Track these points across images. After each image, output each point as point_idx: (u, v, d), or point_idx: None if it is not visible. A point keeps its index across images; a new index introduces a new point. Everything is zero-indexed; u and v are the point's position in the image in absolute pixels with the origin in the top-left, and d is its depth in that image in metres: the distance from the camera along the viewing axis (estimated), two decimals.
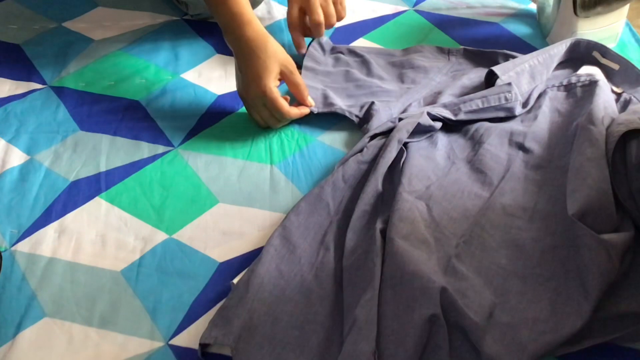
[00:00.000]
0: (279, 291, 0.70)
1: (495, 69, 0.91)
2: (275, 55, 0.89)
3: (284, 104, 0.89)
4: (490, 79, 0.93)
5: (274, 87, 0.88)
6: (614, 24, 1.02)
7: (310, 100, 0.93)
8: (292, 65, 0.91)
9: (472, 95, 0.89)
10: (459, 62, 1.03)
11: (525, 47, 1.04)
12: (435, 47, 1.05)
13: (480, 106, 0.88)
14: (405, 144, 0.84)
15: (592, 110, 0.82)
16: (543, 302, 0.67)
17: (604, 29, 1.01)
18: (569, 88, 0.93)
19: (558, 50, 0.96)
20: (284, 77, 0.91)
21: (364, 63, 1.03)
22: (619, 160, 0.75)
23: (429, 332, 0.64)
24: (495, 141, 0.86)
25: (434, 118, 0.87)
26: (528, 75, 0.92)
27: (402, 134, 0.83)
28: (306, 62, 1.01)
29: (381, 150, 0.83)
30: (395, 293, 0.67)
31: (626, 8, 1.00)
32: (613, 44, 1.03)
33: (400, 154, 0.83)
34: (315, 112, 0.93)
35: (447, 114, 0.87)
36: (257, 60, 0.88)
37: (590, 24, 1.00)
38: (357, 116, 0.92)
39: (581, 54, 0.97)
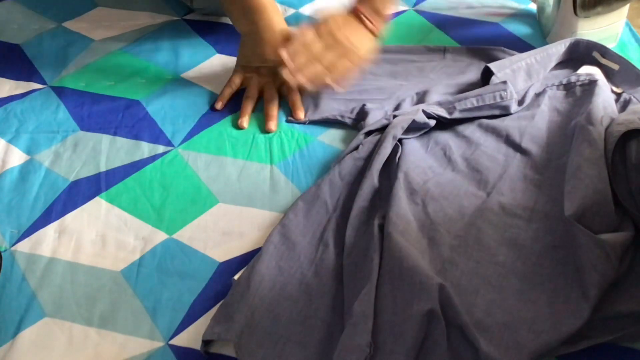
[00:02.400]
0: (280, 288, 0.70)
1: (492, 65, 0.92)
2: None
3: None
4: (487, 76, 0.93)
5: None
6: (614, 24, 1.02)
7: (300, 114, 0.93)
8: None
9: (467, 94, 0.89)
10: (454, 59, 1.02)
11: (525, 47, 1.04)
12: (430, 46, 1.05)
13: (475, 104, 0.88)
14: (400, 141, 0.85)
15: (591, 110, 0.82)
16: (541, 301, 0.67)
17: (604, 29, 1.01)
18: (568, 87, 0.93)
19: (557, 49, 0.96)
20: None
21: None
22: (618, 160, 0.75)
23: (427, 327, 0.64)
24: (492, 144, 0.86)
25: (429, 116, 0.87)
26: (524, 73, 0.92)
27: (397, 130, 0.83)
28: None
29: (376, 146, 0.83)
30: (394, 288, 0.67)
31: (626, 8, 1.00)
32: (613, 44, 1.03)
33: (395, 149, 0.83)
34: (307, 123, 0.93)
35: (442, 112, 0.88)
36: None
37: (590, 24, 1.00)
38: (349, 118, 0.92)
39: (581, 54, 0.97)
